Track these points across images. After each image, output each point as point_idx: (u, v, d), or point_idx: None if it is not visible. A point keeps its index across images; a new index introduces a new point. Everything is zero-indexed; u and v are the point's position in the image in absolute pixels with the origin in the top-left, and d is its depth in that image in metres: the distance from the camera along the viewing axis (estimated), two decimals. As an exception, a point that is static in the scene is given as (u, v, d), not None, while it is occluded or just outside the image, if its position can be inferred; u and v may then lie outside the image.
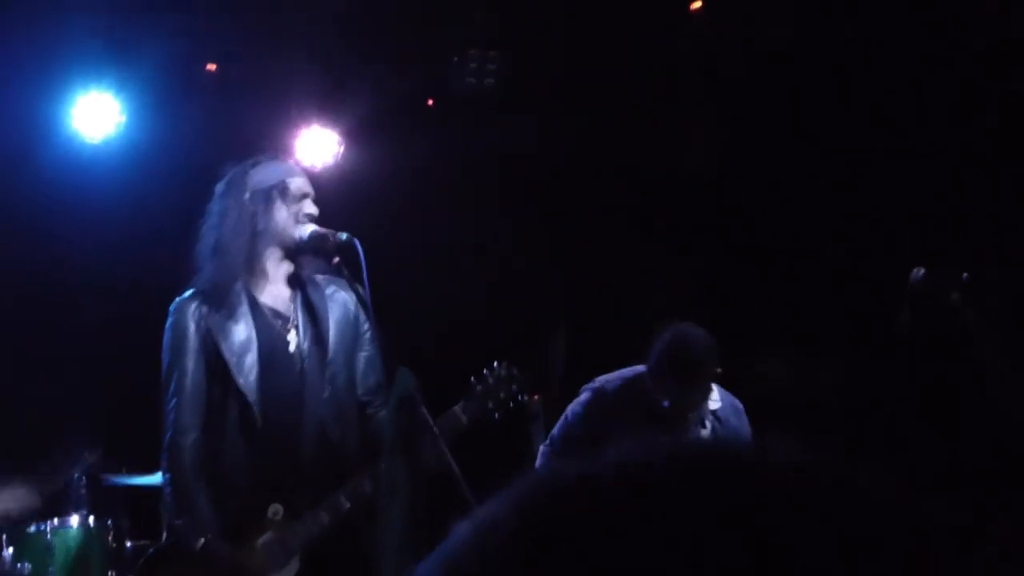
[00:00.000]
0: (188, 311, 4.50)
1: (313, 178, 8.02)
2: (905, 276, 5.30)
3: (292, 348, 4.54)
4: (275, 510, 4.41)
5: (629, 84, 8.17)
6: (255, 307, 4.53)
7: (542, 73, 8.19)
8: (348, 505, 4.40)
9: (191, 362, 4.47)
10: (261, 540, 4.39)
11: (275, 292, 4.59)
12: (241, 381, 4.42)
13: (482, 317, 8.24)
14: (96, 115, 7.53)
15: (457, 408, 4.58)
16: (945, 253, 5.72)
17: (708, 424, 5.51)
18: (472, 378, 4.66)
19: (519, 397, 4.73)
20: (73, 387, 7.38)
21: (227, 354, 4.43)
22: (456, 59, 8.02)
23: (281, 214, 4.55)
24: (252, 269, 4.56)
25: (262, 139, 7.89)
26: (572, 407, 5.61)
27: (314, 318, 4.58)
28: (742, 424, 5.60)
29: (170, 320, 4.54)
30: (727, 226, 8.19)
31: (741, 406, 5.59)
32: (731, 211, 8.14)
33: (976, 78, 7.25)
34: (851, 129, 7.73)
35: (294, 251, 4.56)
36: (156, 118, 7.70)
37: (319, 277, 4.65)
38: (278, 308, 4.57)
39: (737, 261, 8.16)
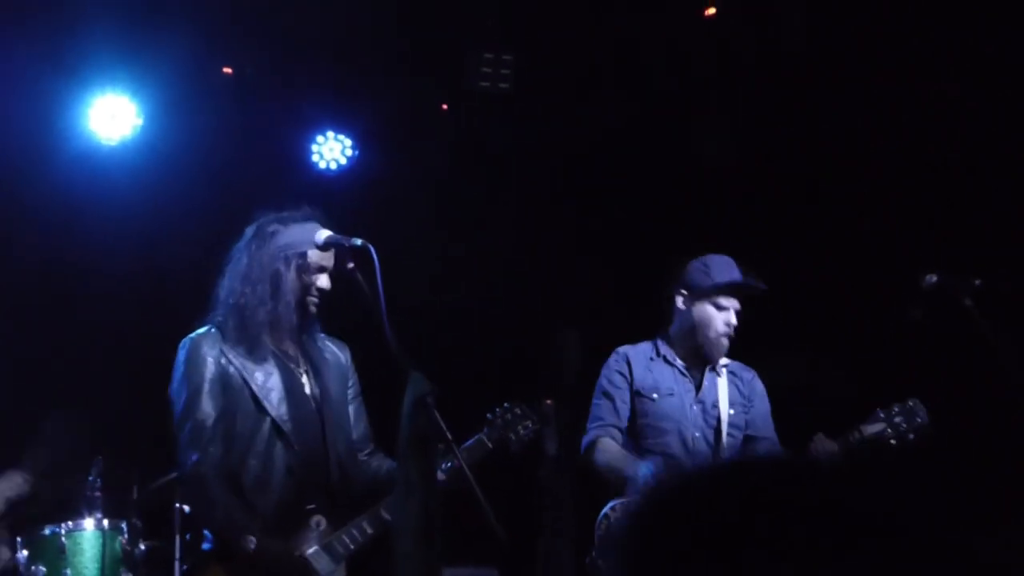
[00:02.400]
0: (205, 345, 4.73)
1: (327, 182, 8.13)
2: (917, 277, 5.31)
3: (307, 390, 4.83)
4: (318, 520, 4.66)
5: (643, 86, 8.17)
6: (274, 352, 4.81)
7: (556, 76, 8.19)
8: (388, 516, 4.65)
9: (211, 391, 4.69)
10: (309, 550, 4.62)
11: (288, 341, 4.87)
12: (274, 412, 4.67)
13: (495, 319, 8.25)
14: (113, 117, 7.55)
15: (483, 435, 4.95)
16: (958, 257, 5.73)
17: (724, 372, 5.67)
18: (488, 415, 5.02)
19: (530, 436, 5.10)
20: (86, 388, 7.39)
21: (256, 389, 4.68)
22: (470, 62, 8.02)
23: (296, 284, 4.78)
24: (275, 323, 4.80)
25: (278, 142, 7.95)
26: (599, 382, 5.72)
27: (317, 368, 4.87)
28: (752, 380, 5.68)
29: (184, 354, 4.75)
30: (742, 227, 8.18)
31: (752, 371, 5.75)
32: (746, 212, 8.13)
33: (993, 79, 7.24)
34: (864, 130, 7.74)
35: (305, 318, 4.81)
36: (173, 121, 7.72)
37: (315, 335, 4.95)
38: (290, 354, 4.86)
39: (751, 261, 8.15)
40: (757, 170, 8.15)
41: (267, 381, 4.70)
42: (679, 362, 5.65)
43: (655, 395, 5.56)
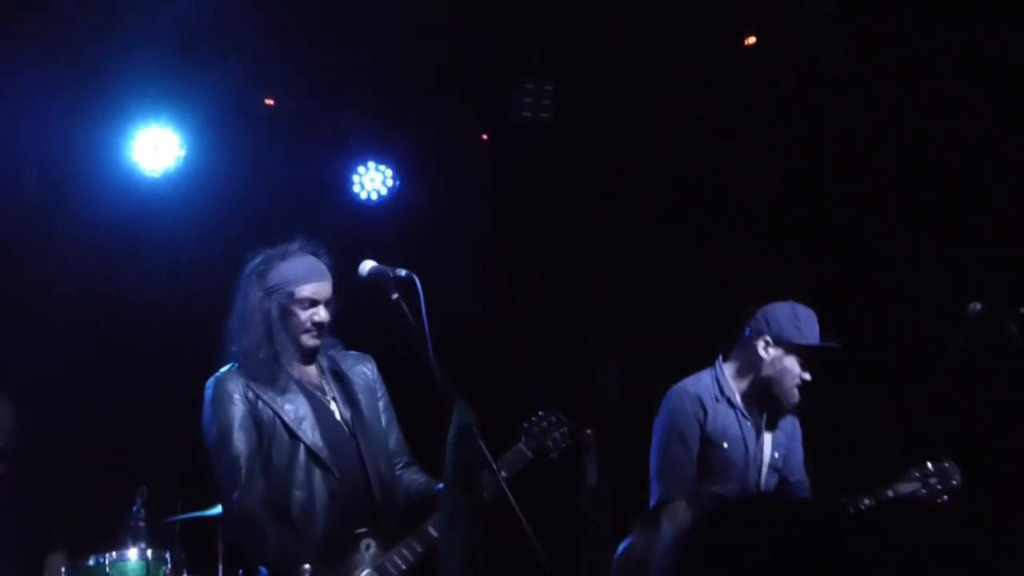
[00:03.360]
0: (230, 384, 4.71)
1: (368, 213, 8.15)
2: (962, 305, 5.30)
3: (337, 417, 4.80)
4: (367, 543, 4.64)
5: (683, 114, 8.18)
6: (298, 383, 4.79)
7: (596, 105, 8.21)
8: (435, 533, 4.59)
9: (242, 426, 4.67)
10: (362, 574, 4.62)
11: (308, 371, 4.86)
12: (309, 441, 4.65)
13: (536, 349, 8.26)
14: (156, 149, 7.61)
15: (522, 444, 4.85)
16: (1004, 285, 5.70)
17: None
18: (524, 424, 4.91)
19: (567, 442, 4.99)
20: (130, 418, 7.44)
21: (289, 420, 4.67)
22: (511, 92, 8.05)
23: (288, 323, 4.75)
24: (286, 358, 4.78)
25: (319, 172, 8.00)
26: (662, 423, 5.53)
27: (345, 389, 4.84)
28: (797, 426, 5.65)
29: (210, 394, 4.74)
30: (782, 254, 8.17)
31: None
32: (785, 239, 8.12)
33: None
34: (906, 157, 7.72)
35: (305, 352, 4.79)
36: (215, 152, 7.77)
37: (336, 352, 4.93)
38: (314, 382, 4.84)
39: (791, 291, 8.12)
40: (797, 197, 8.14)
41: (297, 411, 4.68)
42: (739, 402, 5.50)
43: (725, 444, 5.42)
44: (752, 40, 7.83)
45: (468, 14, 7.34)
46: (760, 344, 5.46)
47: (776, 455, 5.54)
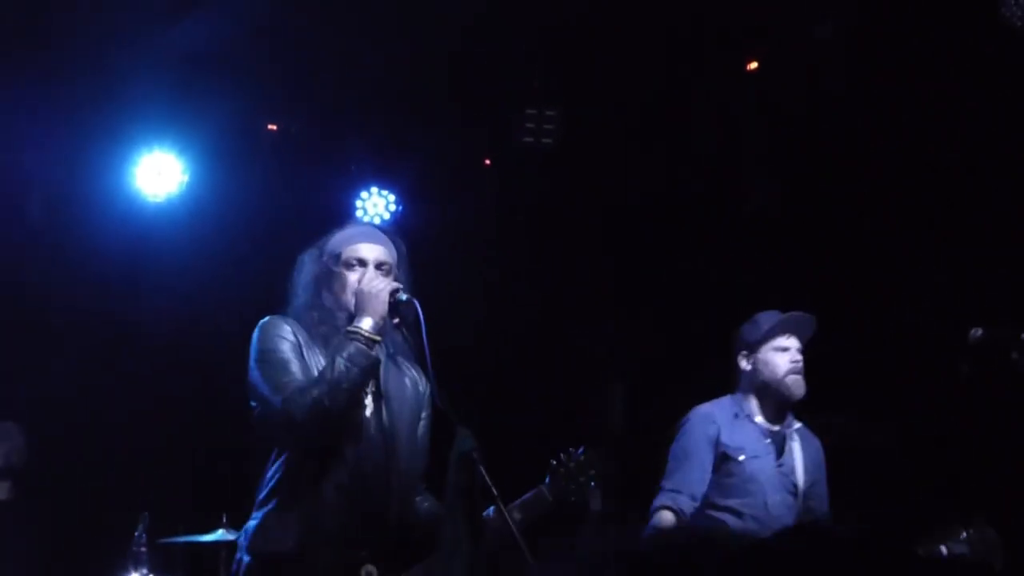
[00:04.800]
0: (283, 324, 4.46)
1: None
2: (964, 331, 5.28)
3: (368, 412, 4.49)
4: (368, 570, 4.39)
5: (686, 139, 8.19)
6: None
7: (599, 130, 8.22)
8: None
9: (291, 347, 4.40)
10: None
11: None
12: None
13: (538, 375, 8.26)
14: (159, 174, 7.63)
15: (543, 487, 4.65)
16: (1005, 310, 5.69)
17: (796, 437, 5.61)
18: (552, 461, 4.71)
19: (594, 483, 4.79)
20: (133, 444, 7.44)
21: None
22: (514, 117, 8.07)
23: (337, 281, 4.55)
24: (330, 318, 4.53)
25: (322, 197, 8.01)
26: (678, 442, 5.59)
27: (389, 392, 4.54)
28: (819, 450, 5.67)
29: (260, 328, 4.46)
30: (787, 280, 8.17)
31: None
32: (791, 264, 8.12)
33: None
34: (910, 180, 7.72)
35: (347, 318, 4.50)
36: (218, 177, 7.79)
37: (399, 355, 4.63)
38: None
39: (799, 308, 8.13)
40: (801, 222, 8.14)
41: None
42: (760, 422, 5.57)
43: (741, 456, 5.46)
44: (754, 65, 7.85)
45: (471, 40, 7.35)
46: (741, 361, 5.65)
47: (804, 480, 5.55)
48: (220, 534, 6.13)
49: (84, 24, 6.85)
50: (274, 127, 7.95)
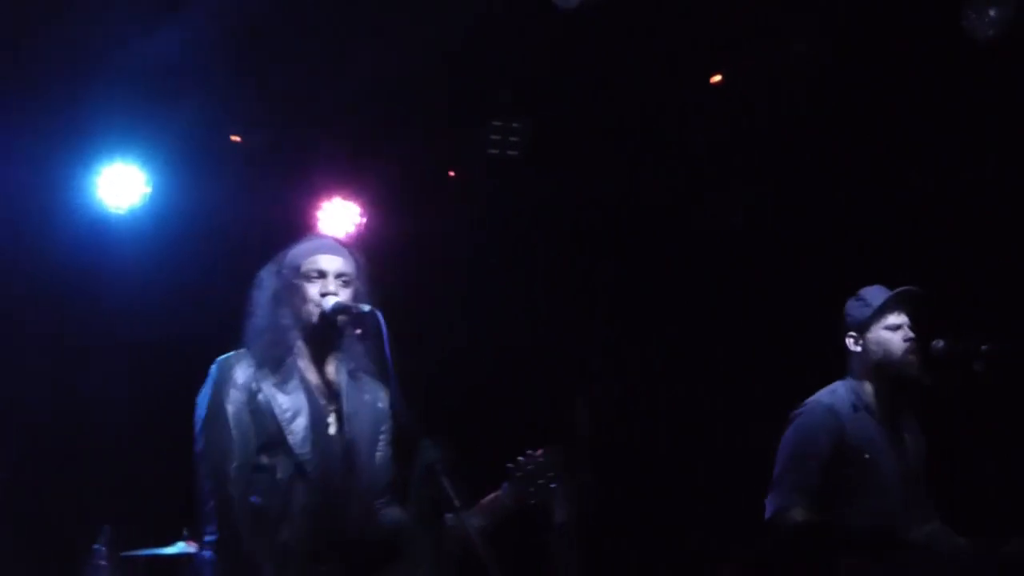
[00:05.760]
0: (236, 367, 4.47)
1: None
2: (926, 343, 5.29)
3: (332, 430, 4.52)
4: None
5: (652, 151, 8.21)
6: (304, 381, 4.53)
7: (564, 142, 8.23)
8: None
9: (235, 413, 4.41)
10: None
11: (317, 373, 4.59)
12: (294, 443, 4.40)
13: (505, 387, 8.25)
14: (122, 186, 7.59)
15: (501, 492, 4.63)
16: (968, 320, 5.71)
17: (909, 423, 5.41)
18: (510, 464, 4.69)
19: (554, 484, 4.74)
20: (96, 456, 7.40)
21: (280, 417, 4.42)
22: (479, 130, 8.07)
23: (297, 293, 4.54)
24: (294, 347, 4.55)
25: (286, 209, 7.98)
26: (794, 438, 5.31)
27: (349, 410, 4.55)
28: (922, 438, 5.47)
29: (214, 372, 4.48)
30: (752, 290, 8.20)
31: None
32: (756, 275, 8.15)
33: (1011, 142, 7.27)
34: (873, 192, 7.76)
35: (312, 333, 4.53)
36: (182, 189, 7.76)
37: (358, 370, 4.62)
38: (320, 387, 4.57)
39: (765, 325, 8.16)
40: (767, 233, 8.17)
41: (293, 409, 4.44)
42: (876, 409, 5.32)
43: (867, 455, 5.22)
44: (719, 78, 7.87)
45: (437, 51, 7.35)
46: (850, 343, 5.38)
47: (915, 467, 5.36)
48: (182, 547, 6.10)
49: (46, 36, 6.81)
50: (238, 139, 7.93)
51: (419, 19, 6.99)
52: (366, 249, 8.14)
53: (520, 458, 4.70)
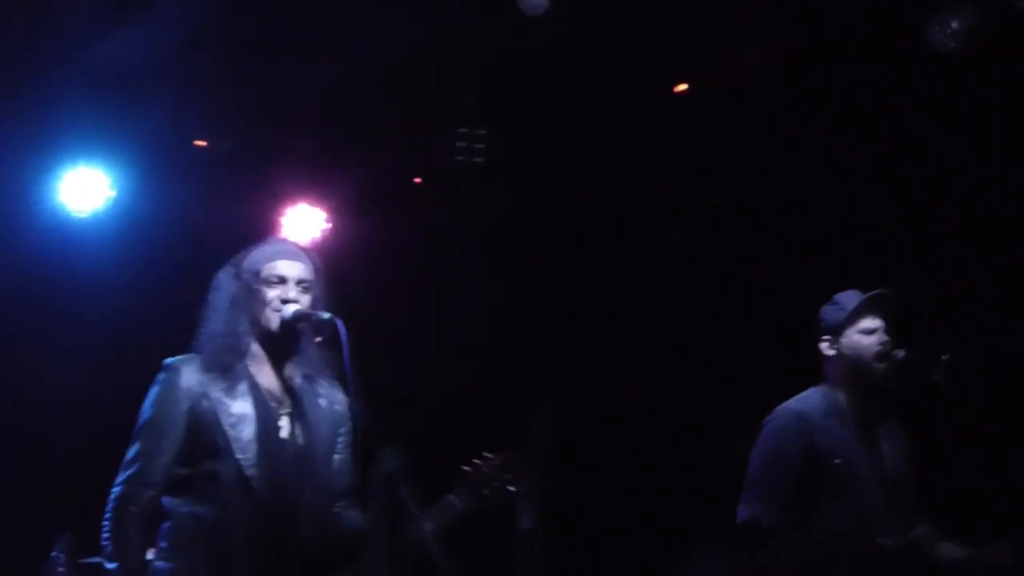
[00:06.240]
0: (183, 371, 4.43)
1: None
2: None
3: (283, 434, 4.48)
4: None
5: (617, 159, 8.22)
6: (254, 387, 4.49)
7: (530, 150, 8.23)
8: None
9: (175, 419, 4.38)
10: None
11: (271, 377, 4.55)
12: (242, 456, 4.36)
13: (469, 394, 8.23)
14: (84, 189, 7.54)
15: (452, 496, 4.60)
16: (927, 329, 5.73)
17: (885, 427, 5.38)
18: (464, 467, 4.67)
19: (511, 487, 4.72)
20: (54, 462, 7.35)
21: (226, 425, 4.38)
22: (445, 137, 8.07)
23: (255, 298, 4.52)
24: (249, 351, 4.53)
25: (250, 215, 7.95)
26: (764, 444, 5.29)
27: (304, 411, 4.53)
28: (904, 438, 5.45)
29: (161, 376, 4.46)
30: (715, 298, 8.21)
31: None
32: (720, 281, 8.16)
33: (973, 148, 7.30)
34: (839, 202, 7.78)
35: (270, 339, 4.51)
36: (145, 193, 7.71)
37: (314, 373, 4.60)
38: (273, 392, 4.53)
39: (729, 336, 8.18)
40: (732, 242, 8.18)
41: (240, 415, 4.39)
42: (851, 418, 5.29)
43: (837, 459, 5.18)
44: (684, 87, 7.88)
45: (403, 58, 7.34)
46: (824, 348, 5.36)
47: (895, 473, 5.32)
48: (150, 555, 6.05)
49: (6, 37, 6.77)
50: (203, 143, 7.89)
51: (385, 25, 6.98)
52: (331, 255, 8.17)
53: (476, 461, 4.68)
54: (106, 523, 4.38)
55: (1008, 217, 7.21)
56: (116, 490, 4.41)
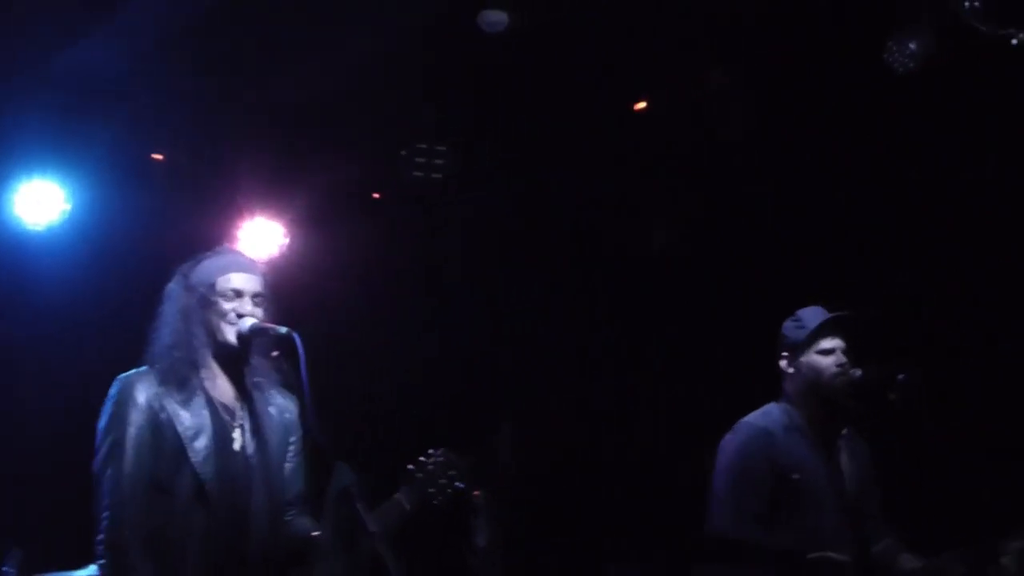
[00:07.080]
0: (138, 386, 4.43)
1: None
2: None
3: (236, 446, 4.50)
4: None
5: (577, 175, 8.23)
6: (208, 399, 4.50)
7: (489, 166, 8.24)
8: None
9: (136, 435, 4.37)
10: None
11: (224, 388, 4.56)
12: (199, 468, 4.36)
13: (426, 410, 8.22)
14: (40, 202, 7.48)
15: (399, 495, 4.60)
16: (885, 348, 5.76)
17: (845, 443, 5.40)
18: (409, 465, 4.66)
19: (458, 483, 4.71)
20: (5, 477, 7.28)
21: (183, 436, 4.38)
22: (404, 152, 8.06)
23: (210, 311, 4.51)
24: (201, 364, 4.53)
25: (208, 229, 7.92)
26: (728, 459, 5.28)
27: (257, 422, 4.54)
28: (866, 453, 5.48)
29: (115, 391, 4.45)
30: (685, 315, 8.24)
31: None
32: (684, 297, 8.19)
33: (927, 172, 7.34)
34: (799, 217, 7.82)
35: (226, 352, 4.52)
36: (102, 206, 7.66)
37: (264, 383, 4.62)
38: (226, 403, 4.54)
39: (693, 349, 8.20)
40: (702, 262, 8.21)
41: (196, 427, 4.39)
42: (809, 432, 5.31)
43: (796, 475, 5.19)
44: (643, 105, 7.90)
45: (362, 73, 7.33)
46: (784, 365, 5.39)
47: (855, 488, 5.34)
48: (94, 570, 5.99)
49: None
50: (159, 157, 7.86)
51: (344, 39, 6.98)
52: (288, 269, 8.16)
53: (421, 459, 4.67)
54: (103, 561, 4.33)
55: (1002, 220, 7.24)
56: (104, 523, 4.36)
